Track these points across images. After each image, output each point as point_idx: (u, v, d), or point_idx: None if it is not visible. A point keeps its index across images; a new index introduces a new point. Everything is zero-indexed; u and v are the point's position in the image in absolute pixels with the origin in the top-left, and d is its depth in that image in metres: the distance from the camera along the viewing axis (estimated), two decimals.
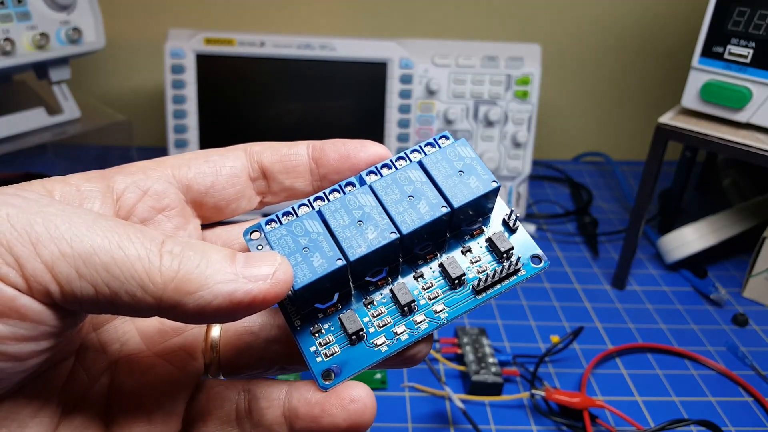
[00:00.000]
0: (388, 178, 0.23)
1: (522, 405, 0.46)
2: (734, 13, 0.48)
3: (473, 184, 0.23)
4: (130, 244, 0.18)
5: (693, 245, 0.61)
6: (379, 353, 0.22)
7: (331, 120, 0.67)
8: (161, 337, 0.24)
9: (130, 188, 0.22)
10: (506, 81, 0.65)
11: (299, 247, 0.21)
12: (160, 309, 0.18)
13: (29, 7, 0.55)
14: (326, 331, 0.22)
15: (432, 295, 0.23)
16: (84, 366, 0.22)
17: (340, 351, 0.22)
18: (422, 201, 0.22)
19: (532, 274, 0.23)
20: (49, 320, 0.18)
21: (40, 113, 0.60)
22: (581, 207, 0.73)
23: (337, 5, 0.77)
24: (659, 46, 0.79)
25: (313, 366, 0.21)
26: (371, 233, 0.21)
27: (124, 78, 0.80)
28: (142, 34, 0.77)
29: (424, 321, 0.22)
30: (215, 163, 0.24)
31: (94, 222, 0.18)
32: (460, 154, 0.23)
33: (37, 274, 0.17)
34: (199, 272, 0.18)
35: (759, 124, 0.50)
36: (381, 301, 0.23)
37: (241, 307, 0.18)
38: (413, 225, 0.22)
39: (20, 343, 0.17)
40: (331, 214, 0.22)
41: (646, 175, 0.55)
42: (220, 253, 0.19)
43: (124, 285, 0.17)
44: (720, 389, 0.49)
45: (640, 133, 0.80)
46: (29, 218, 0.17)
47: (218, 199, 0.24)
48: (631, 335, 0.54)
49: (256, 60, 0.64)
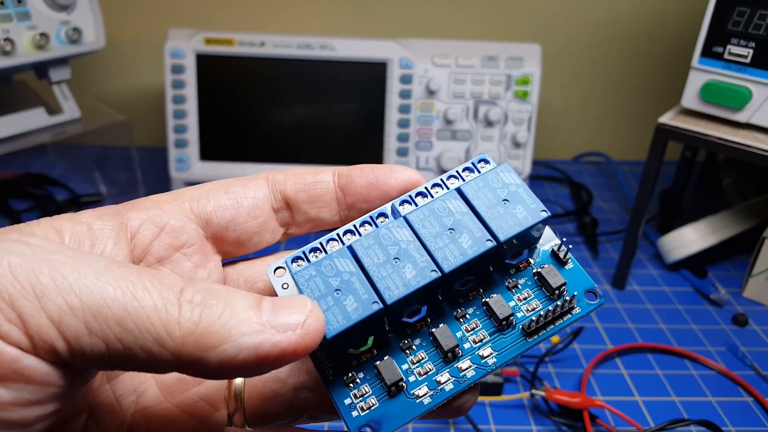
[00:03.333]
0: (424, 209, 0.21)
1: (522, 405, 0.46)
2: (734, 13, 0.48)
3: (520, 214, 0.20)
4: (145, 293, 0.16)
5: (693, 245, 0.61)
6: (422, 406, 0.20)
7: (331, 120, 0.67)
8: (181, 387, 0.22)
9: (145, 225, 0.21)
10: (506, 81, 0.65)
11: (330, 289, 0.19)
12: (179, 365, 0.16)
13: (29, 7, 0.55)
14: (362, 381, 0.20)
15: (477, 338, 0.21)
16: (98, 423, 0.21)
17: (378, 404, 0.20)
18: (464, 234, 0.20)
19: (588, 312, 0.21)
20: (56, 381, 0.16)
21: (40, 113, 0.59)
22: (581, 207, 0.73)
23: (337, 5, 0.77)
24: (659, 46, 0.79)
25: (349, 422, 0.19)
26: (409, 272, 0.19)
27: (124, 78, 0.80)
28: (142, 34, 0.77)
29: (470, 368, 0.20)
30: (236, 194, 0.22)
31: (106, 270, 0.16)
32: (504, 180, 0.21)
33: (42, 330, 0.15)
34: (222, 323, 0.16)
35: (759, 124, 0.50)
36: (421, 345, 0.20)
37: (268, 361, 0.16)
38: (456, 262, 0.20)
39: (25, 408, 0.16)
40: (364, 251, 0.20)
41: (646, 175, 0.55)
42: (245, 299, 0.17)
43: (139, 340, 0.16)
44: (720, 389, 0.49)
45: (640, 133, 0.80)
46: (34, 268, 0.16)
47: (240, 233, 0.22)
48: (631, 335, 0.54)
49: (256, 60, 0.64)
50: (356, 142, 0.67)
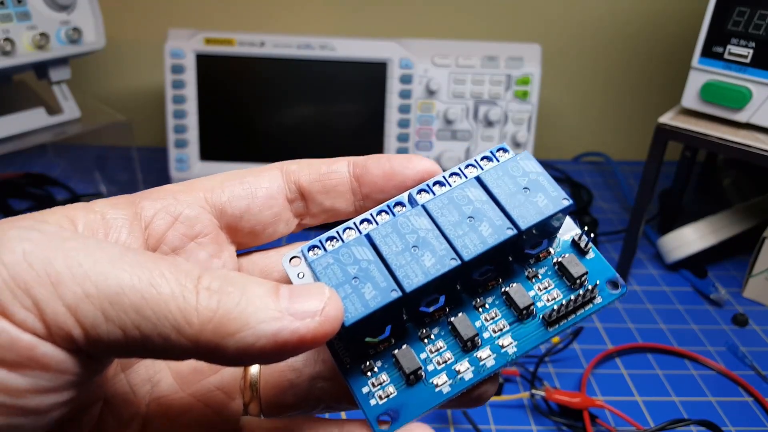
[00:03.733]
0: (443, 198, 0.20)
1: (522, 405, 0.46)
2: (734, 13, 0.48)
3: (541, 202, 0.20)
4: (162, 280, 0.16)
5: (693, 245, 0.61)
6: (441, 395, 0.19)
7: (331, 120, 0.67)
8: (196, 377, 0.22)
9: (159, 214, 0.21)
10: (506, 81, 0.65)
11: (348, 277, 0.19)
12: (197, 352, 0.16)
13: (29, 7, 0.55)
14: (379, 370, 0.20)
15: (497, 327, 0.20)
16: (113, 412, 0.21)
17: (396, 392, 0.19)
18: (484, 223, 0.20)
19: (610, 302, 0.21)
20: (72, 368, 0.16)
21: (40, 113, 0.59)
22: (581, 207, 0.73)
23: (337, 5, 0.77)
24: (659, 46, 0.79)
25: (367, 410, 0.19)
26: (428, 260, 0.19)
27: (124, 78, 0.80)
28: (142, 34, 0.77)
29: (490, 357, 0.20)
30: (250, 184, 0.22)
31: (121, 257, 0.16)
32: (524, 168, 0.21)
33: (58, 318, 0.15)
34: (240, 310, 0.16)
35: (759, 124, 0.50)
36: (439, 335, 0.20)
37: (287, 348, 0.16)
38: (476, 250, 0.19)
39: (41, 396, 0.16)
40: (381, 239, 0.20)
41: (646, 175, 0.55)
42: (263, 287, 0.17)
43: (156, 327, 0.15)
44: (720, 389, 0.49)
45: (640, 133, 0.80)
46: (49, 255, 0.15)
47: (254, 223, 0.22)
48: (631, 335, 0.54)
49: (256, 60, 0.64)
50: (356, 142, 0.67)
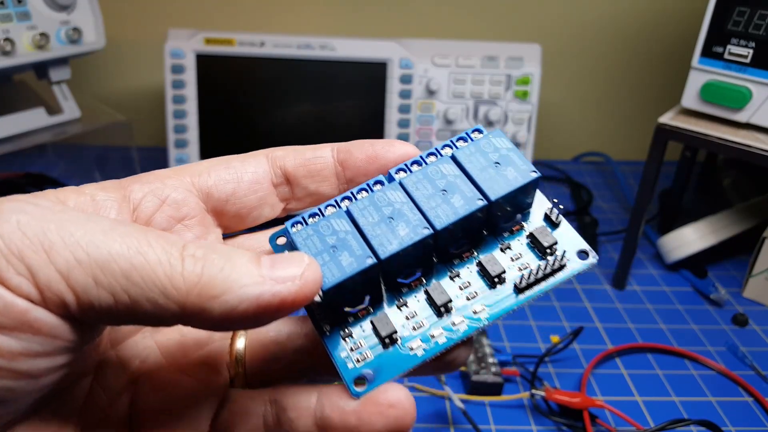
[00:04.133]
0: (418, 174, 0.21)
1: (522, 405, 0.46)
2: (734, 13, 0.48)
3: (511, 175, 0.21)
4: (149, 249, 0.17)
5: (693, 245, 0.61)
6: (415, 358, 0.20)
7: (331, 120, 0.67)
8: (183, 352, 0.23)
9: (147, 197, 0.21)
10: (506, 81, 0.65)
11: (327, 246, 0.20)
12: (183, 316, 0.17)
13: (29, 7, 0.55)
14: (357, 336, 0.21)
15: (470, 295, 0.21)
16: (103, 385, 0.21)
17: (372, 356, 0.20)
18: (456, 195, 0.21)
19: (580, 271, 0.21)
20: (64, 334, 0.17)
21: (39, 113, 0.59)
22: (581, 207, 0.73)
23: (337, 5, 0.77)
24: (659, 46, 0.79)
25: (344, 372, 0.20)
26: (402, 230, 0.20)
27: (124, 78, 0.80)
28: (142, 34, 0.77)
29: (463, 322, 0.21)
30: (236, 169, 0.23)
31: (111, 228, 0.17)
32: (495, 145, 0.22)
33: (51, 283, 0.16)
34: (224, 276, 0.17)
35: (759, 124, 0.50)
36: (415, 304, 0.21)
37: (269, 311, 0.17)
38: (447, 220, 0.20)
39: (33, 359, 0.16)
40: (359, 212, 0.21)
41: (646, 175, 0.55)
42: (245, 255, 0.18)
43: (145, 292, 0.16)
44: (720, 389, 0.49)
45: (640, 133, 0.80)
46: (42, 225, 0.16)
47: (240, 206, 0.23)
48: (631, 335, 0.54)
49: (256, 60, 0.64)
50: None
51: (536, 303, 0.57)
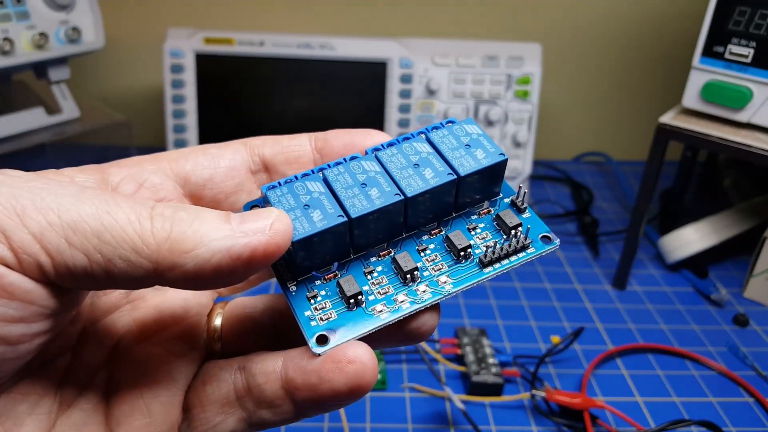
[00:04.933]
0: (393, 149, 0.23)
1: (522, 406, 0.46)
2: (735, 13, 0.48)
3: (480, 155, 0.22)
4: (118, 209, 0.17)
5: (694, 245, 0.61)
6: (379, 319, 0.21)
7: (331, 120, 0.67)
8: (159, 328, 0.23)
9: (125, 180, 0.22)
10: (506, 81, 0.65)
11: (300, 204, 0.21)
12: (157, 273, 0.17)
13: (28, 6, 0.55)
14: (323, 297, 0.21)
15: (436, 267, 0.22)
16: (81, 360, 0.22)
17: (336, 316, 0.21)
18: (428, 169, 0.22)
19: (542, 252, 0.22)
20: (41, 299, 0.17)
21: (39, 113, 0.59)
22: (582, 207, 0.72)
23: (337, 5, 0.76)
24: (660, 46, 0.79)
25: (306, 330, 0.20)
26: (375, 194, 0.21)
27: (123, 78, 0.80)
28: (141, 34, 0.77)
29: (427, 291, 0.21)
30: (213, 155, 0.23)
31: (81, 192, 0.17)
32: (467, 130, 0.23)
33: (25, 245, 0.16)
34: (194, 230, 0.17)
35: (760, 124, 0.50)
36: (383, 272, 0.22)
37: (241, 263, 0.18)
38: (419, 188, 0.21)
39: (9, 325, 0.17)
40: (334, 177, 0.22)
41: (646, 175, 0.55)
42: (214, 212, 0.18)
43: (116, 250, 0.17)
44: (721, 390, 0.48)
45: (640, 133, 0.80)
46: (13, 192, 0.17)
47: (216, 191, 0.23)
48: (631, 336, 0.54)
49: (256, 59, 0.64)
50: None
51: (536, 303, 0.57)
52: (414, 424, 0.44)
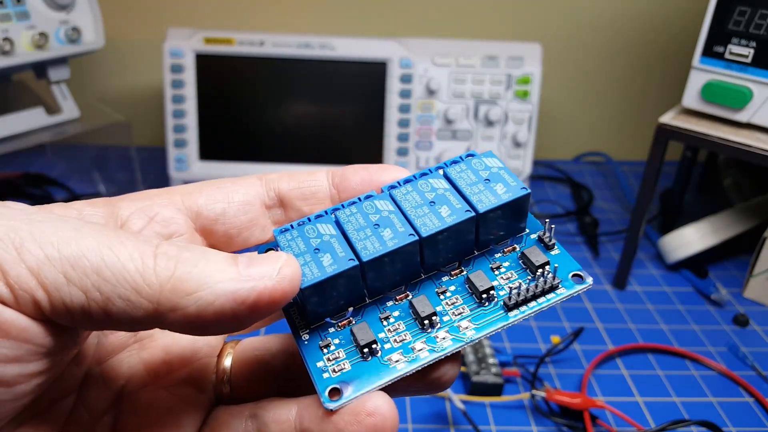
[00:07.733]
0: (408, 186, 0.22)
1: (522, 406, 0.46)
2: (735, 13, 0.48)
3: (500, 190, 0.21)
4: (121, 246, 0.16)
5: (694, 245, 0.61)
6: (395, 370, 0.19)
7: (331, 120, 0.67)
8: (168, 370, 0.22)
9: (135, 214, 0.21)
10: (506, 80, 0.65)
11: (310, 248, 0.20)
12: (157, 314, 0.16)
13: (28, 6, 0.55)
14: (336, 346, 0.20)
15: (457, 312, 0.20)
16: (86, 404, 0.21)
17: (350, 367, 0.19)
18: (444, 206, 0.21)
19: (572, 292, 0.20)
20: (37, 337, 0.16)
21: (39, 113, 0.59)
22: (582, 207, 0.72)
23: (337, 5, 0.76)
24: (660, 46, 0.79)
25: (318, 383, 0.19)
26: (387, 235, 0.20)
27: (123, 78, 0.80)
28: (141, 34, 0.77)
29: (447, 338, 0.20)
30: (228, 189, 0.22)
31: (83, 226, 0.17)
32: (487, 164, 0.22)
33: (21, 280, 0.15)
34: (198, 271, 0.17)
35: (760, 124, 0.50)
36: (399, 317, 0.20)
37: (245, 308, 0.17)
38: (434, 228, 0.20)
39: (4, 365, 0.16)
40: (346, 218, 0.21)
41: (646, 175, 0.55)
42: (220, 254, 0.17)
43: (116, 289, 0.16)
44: (721, 390, 0.48)
45: (640, 133, 0.80)
46: (12, 224, 0.16)
47: (229, 226, 0.22)
48: (631, 335, 0.54)
49: (256, 59, 0.64)
50: (356, 141, 0.67)
51: None
52: (414, 424, 0.44)
